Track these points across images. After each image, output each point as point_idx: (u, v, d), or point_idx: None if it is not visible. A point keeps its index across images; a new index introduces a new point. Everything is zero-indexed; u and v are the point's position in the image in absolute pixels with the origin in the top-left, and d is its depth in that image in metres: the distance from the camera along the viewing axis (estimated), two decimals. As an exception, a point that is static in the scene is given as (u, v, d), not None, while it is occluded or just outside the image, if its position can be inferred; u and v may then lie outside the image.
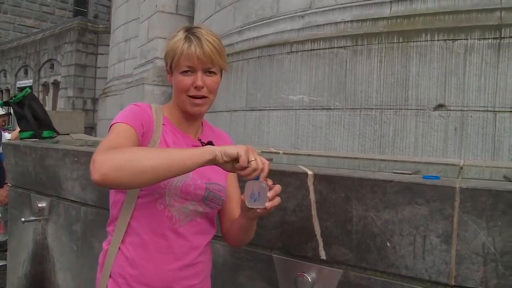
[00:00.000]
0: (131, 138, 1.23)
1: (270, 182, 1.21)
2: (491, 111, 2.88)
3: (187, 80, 1.31)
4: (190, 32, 1.32)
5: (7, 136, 5.91)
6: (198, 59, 1.29)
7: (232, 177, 1.51)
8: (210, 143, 1.40)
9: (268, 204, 1.19)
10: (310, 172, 1.62)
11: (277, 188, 1.22)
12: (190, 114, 1.37)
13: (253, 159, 1.15)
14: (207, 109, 1.38)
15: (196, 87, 1.31)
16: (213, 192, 1.38)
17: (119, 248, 1.31)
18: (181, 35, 1.32)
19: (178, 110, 1.38)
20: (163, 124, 1.35)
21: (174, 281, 1.33)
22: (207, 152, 1.14)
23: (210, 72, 1.32)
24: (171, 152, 1.16)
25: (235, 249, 1.53)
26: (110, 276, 1.32)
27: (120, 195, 1.31)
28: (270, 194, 1.19)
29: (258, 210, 1.22)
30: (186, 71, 1.30)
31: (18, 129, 4.06)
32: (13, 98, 3.96)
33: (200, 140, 1.41)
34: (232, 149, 1.15)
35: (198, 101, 1.32)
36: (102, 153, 1.09)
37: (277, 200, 1.22)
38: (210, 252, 1.48)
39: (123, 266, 1.30)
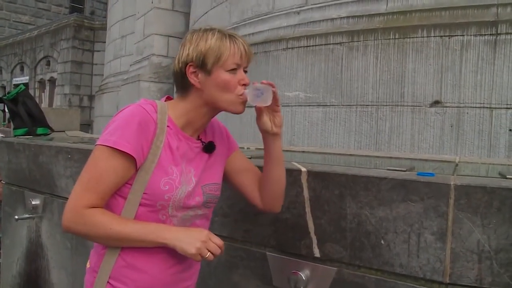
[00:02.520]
0: (117, 173, 1.21)
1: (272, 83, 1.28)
2: (487, 107, 2.87)
3: (234, 78, 1.27)
4: (223, 32, 1.29)
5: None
6: (246, 56, 1.29)
7: (238, 154, 1.50)
8: (210, 143, 1.38)
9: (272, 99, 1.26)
10: (303, 169, 1.60)
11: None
12: (235, 113, 1.33)
13: (206, 254, 1.20)
14: None
15: (244, 85, 1.28)
16: (210, 193, 1.37)
17: (119, 254, 1.27)
18: (216, 34, 1.27)
19: (197, 116, 1.32)
20: (167, 126, 1.27)
21: (173, 284, 1.33)
22: (161, 241, 1.21)
23: (245, 71, 1.32)
24: (129, 237, 1.22)
25: (277, 210, 1.52)
26: (108, 282, 1.28)
27: (120, 199, 1.26)
28: (274, 89, 1.26)
29: (269, 106, 1.28)
30: (233, 69, 1.27)
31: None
32: (7, 95, 3.93)
33: (200, 139, 1.37)
34: (186, 249, 1.20)
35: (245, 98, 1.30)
36: (76, 209, 1.20)
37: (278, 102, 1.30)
38: None
39: (124, 272, 1.27)
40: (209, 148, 1.37)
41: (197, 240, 1.19)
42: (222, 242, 1.23)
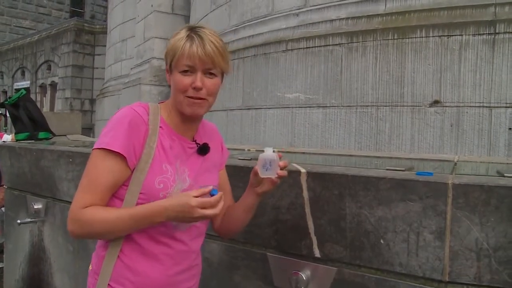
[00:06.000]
0: (112, 173, 1.23)
1: (280, 155, 1.30)
2: (486, 106, 2.87)
3: (186, 80, 1.26)
4: (193, 31, 1.27)
5: (8, 138, 5.88)
6: (199, 59, 1.24)
7: (224, 172, 1.54)
8: (205, 145, 1.40)
9: (279, 172, 1.29)
10: (303, 170, 1.61)
11: (286, 161, 1.34)
12: (187, 116, 1.32)
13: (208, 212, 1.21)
14: (206, 111, 1.34)
15: (194, 88, 1.26)
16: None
17: (118, 256, 1.29)
18: (183, 33, 1.28)
19: (177, 113, 1.34)
20: (160, 127, 1.30)
21: (173, 285, 1.34)
22: (155, 223, 1.23)
23: (211, 73, 1.28)
24: (122, 227, 1.24)
25: (231, 237, 1.60)
26: (109, 284, 1.29)
27: (117, 201, 1.28)
28: (281, 163, 1.30)
29: (273, 178, 1.30)
30: (185, 71, 1.26)
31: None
32: (8, 100, 3.95)
33: (195, 141, 1.39)
34: (183, 221, 1.24)
35: (196, 101, 1.27)
36: (73, 212, 1.23)
37: (285, 172, 1.32)
38: (201, 253, 1.48)
39: (124, 274, 1.29)
40: (203, 150, 1.39)
41: (189, 214, 1.19)
42: (214, 199, 1.20)
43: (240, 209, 1.44)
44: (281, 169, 1.30)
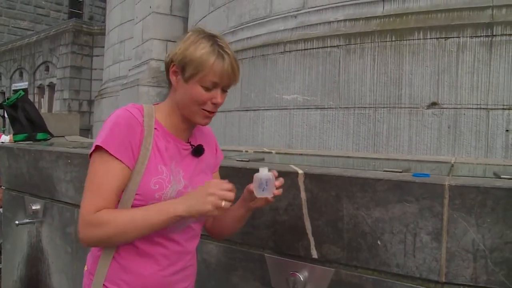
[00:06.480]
0: (116, 177, 1.23)
1: (276, 173, 1.30)
2: (484, 108, 2.89)
3: (206, 94, 1.27)
4: (218, 45, 1.26)
5: (6, 138, 5.87)
6: (228, 77, 1.26)
7: (217, 174, 1.55)
8: (200, 146, 1.41)
9: (275, 192, 1.29)
10: (300, 171, 1.62)
11: (282, 179, 1.33)
12: (195, 123, 1.34)
13: (222, 204, 1.19)
14: None
15: (214, 104, 1.28)
16: None
17: (113, 256, 1.29)
18: (208, 47, 1.24)
19: (178, 116, 1.34)
20: (155, 128, 1.30)
21: (169, 286, 1.34)
22: (176, 214, 1.21)
23: (226, 90, 1.31)
24: (144, 221, 1.22)
25: (221, 239, 1.66)
26: (104, 285, 1.30)
27: None
28: (277, 183, 1.30)
29: (269, 198, 1.30)
30: (209, 86, 1.26)
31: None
32: (6, 101, 3.95)
33: (190, 142, 1.40)
34: (202, 208, 1.20)
35: (211, 114, 1.31)
36: (86, 218, 1.21)
37: (281, 191, 1.32)
38: (196, 254, 1.49)
39: (119, 274, 1.29)
40: (198, 151, 1.40)
41: (207, 195, 1.19)
42: (230, 185, 1.23)
43: (232, 216, 1.44)
44: (277, 188, 1.30)
